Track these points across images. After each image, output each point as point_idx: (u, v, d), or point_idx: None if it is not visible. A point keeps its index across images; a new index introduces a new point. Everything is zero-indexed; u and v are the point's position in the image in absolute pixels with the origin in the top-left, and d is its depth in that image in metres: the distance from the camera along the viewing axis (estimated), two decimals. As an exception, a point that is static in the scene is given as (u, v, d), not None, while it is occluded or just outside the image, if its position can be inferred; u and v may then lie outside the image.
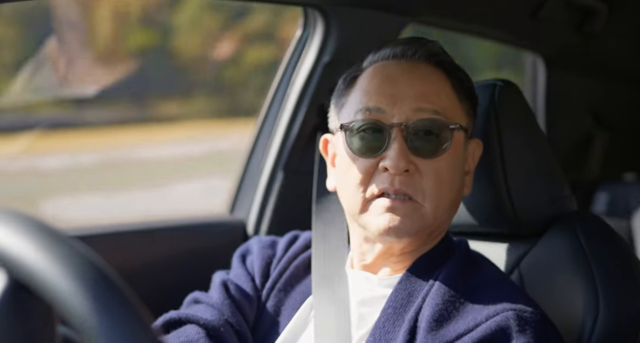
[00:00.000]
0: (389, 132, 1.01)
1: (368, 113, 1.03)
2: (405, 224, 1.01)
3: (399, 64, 1.06)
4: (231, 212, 1.81)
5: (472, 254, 1.10)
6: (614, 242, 1.12)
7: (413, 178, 1.01)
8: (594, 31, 2.35)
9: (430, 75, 1.06)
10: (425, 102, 1.02)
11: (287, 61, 1.77)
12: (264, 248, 1.21)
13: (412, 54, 1.07)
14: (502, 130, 1.17)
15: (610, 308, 1.04)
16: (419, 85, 1.03)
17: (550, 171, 1.19)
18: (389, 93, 1.03)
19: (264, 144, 1.77)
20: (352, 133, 1.04)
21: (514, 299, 0.98)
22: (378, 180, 1.02)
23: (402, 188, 1.00)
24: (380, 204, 1.02)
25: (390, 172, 1.00)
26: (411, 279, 1.05)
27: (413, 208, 1.01)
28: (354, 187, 1.04)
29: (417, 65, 1.06)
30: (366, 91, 1.05)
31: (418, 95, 1.02)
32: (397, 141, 1.00)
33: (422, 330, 0.97)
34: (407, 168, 1.00)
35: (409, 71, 1.05)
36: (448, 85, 1.06)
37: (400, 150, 0.99)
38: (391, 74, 1.05)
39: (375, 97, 1.04)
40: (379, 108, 1.03)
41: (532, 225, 1.17)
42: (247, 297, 1.14)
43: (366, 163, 1.03)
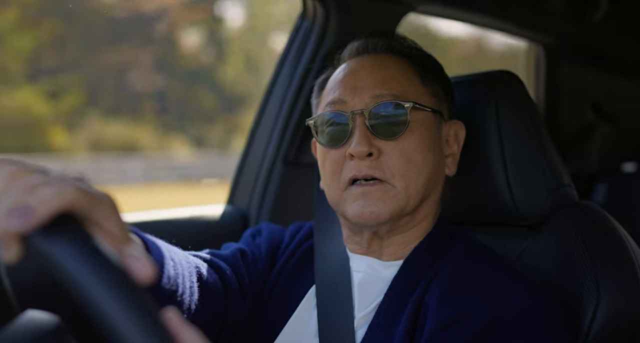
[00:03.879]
0: (351, 120, 1.05)
1: (332, 106, 1.09)
2: (379, 207, 1.04)
3: (362, 59, 1.12)
4: (231, 203, 1.82)
5: (478, 243, 1.11)
6: (614, 232, 1.12)
7: (379, 161, 1.04)
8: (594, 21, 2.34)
9: (391, 63, 1.10)
10: (383, 88, 1.06)
11: (286, 51, 1.76)
12: (273, 233, 1.25)
13: (373, 47, 1.13)
14: (503, 121, 1.17)
15: (610, 297, 1.04)
16: (378, 73, 1.08)
17: (550, 162, 1.19)
18: (350, 85, 1.08)
19: (263, 135, 1.77)
20: (320, 127, 1.09)
21: (521, 287, 0.99)
22: (347, 169, 1.06)
23: (369, 172, 1.04)
24: (352, 192, 1.05)
25: (355, 157, 1.04)
26: (416, 262, 1.07)
27: (384, 190, 1.04)
28: (329, 178, 1.09)
29: (378, 56, 1.12)
30: (331, 87, 1.11)
31: (377, 82, 1.07)
32: (358, 128, 1.04)
33: (426, 313, 0.98)
34: (369, 151, 1.03)
35: (369, 63, 1.11)
36: (410, 70, 1.10)
37: (361, 136, 1.03)
38: (353, 68, 1.11)
39: (339, 90, 1.09)
40: (341, 100, 1.08)
41: (532, 215, 1.17)
42: (255, 266, 1.17)
43: (335, 154, 1.07)
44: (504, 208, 1.17)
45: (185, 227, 1.63)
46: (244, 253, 1.18)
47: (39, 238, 0.52)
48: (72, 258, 0.51)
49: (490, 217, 1.21)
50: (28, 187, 0.55)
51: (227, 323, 1.09)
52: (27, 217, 0.52)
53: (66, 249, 0.52)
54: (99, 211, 0.57)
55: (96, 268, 0.51)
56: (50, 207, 0.53)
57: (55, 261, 0.52)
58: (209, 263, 1.10)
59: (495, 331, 0.92)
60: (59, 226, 0.53)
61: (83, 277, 0.51)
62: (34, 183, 0.55)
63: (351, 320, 1.05)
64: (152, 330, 0.50)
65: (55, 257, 0.52)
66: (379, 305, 1.04)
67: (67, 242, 0.52)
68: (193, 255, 1.09)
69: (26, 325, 0.57)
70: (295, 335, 1.09)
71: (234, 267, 1.13)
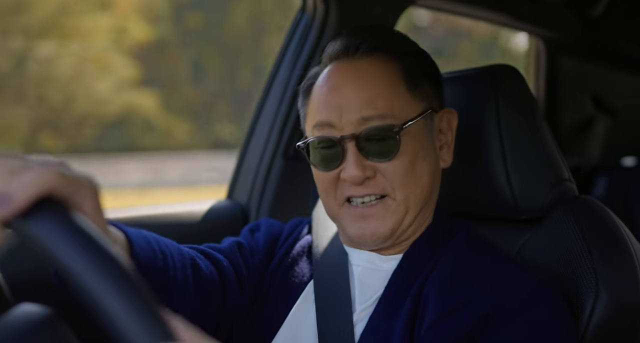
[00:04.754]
0: (342, 144, 1.03)
1: (320, 128, 1.06)
2: (378, 228, 1.04)
3: (343, 68, 1.06)
4: (231, 197, 1.82)
5: (476, 234, 1.11)
6: (613, 227, 1.12)
7: (376, 180, 1.03)
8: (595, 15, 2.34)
9: (374, 72, 1.04)
10: (371, 109, 1.02)
11: (286, 45, 1.76)
12: (271, 227, 1.25)
13: (355, 49, 1.06)
14: (502, 115, 1.17)
15: (609, 292, 1.04)
16: (362, 89, 1.03)
17: (550, 156, 1.18)
18: (335, 104, 1.04)
19: (262, 129, 1.77)
20: (311, 150, 1.07)
21: (520, 275, 1.00)
22: (344, 187, 1.05)
23: (368, 191, 1.03)
24: (351, 212, 1.05)
25: (349, 182, 1.03)
26: (415, 255, 1.07)
27: (384, 208, 1.04)
28: (325, 195, 1.08)
29: (361, 64, 1.05)
30: (317, 105, 1.07)
31: (362, 101, 1.02)
32: (350, 152, 1.02)
33: (426, 304, 0.99)
34: (365, 176, 1.02)
35: (352, 75, 1.05)
36: (395, 76, 1.05)
37: (355, 161, 1.02)
38: (335, 83, 1.05)
39: (325, 110, 1.05)
40: (329, 122, 1.04)
41: (532, 210, 1.17)
42: (253, 258, 1.17)
43: (329, 175, 1.06)
44: (503, 202, 1.17)
45: (185, 221, 1.63)
46: (242, 246, 1.18)
47: (19, 223, 0.53)
48: (54, 237, 0.52)
49: (490, 211, 1.21)
50: (5, 173, 0.55)
51: (225, 315, 1.10)
52: (5, 204, 0.52)
53: (47, 230, 0.52)
54: (78, 194, 0.57)
55: (78, 245, 0.52)
56: (28, 193, 0.53)
57: (40, 244, 0.52)
58: (205, 255, 1.10)
59: (495, 318, 0.93)
60: (39, 209, 0.53)
61: (66, 255, 0.51)
62: (11, 169, 0.55)
63: (350, 314, 1.05)
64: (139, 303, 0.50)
65: (39, 240, 0.52)
66: (379, 298, 1.04)
67: (48, 223, 0.53)
68: (189, 247, 1.10)
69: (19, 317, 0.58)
70: (294, 329, 1.09)
71: (231, 259, 1.13)
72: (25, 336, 0.56)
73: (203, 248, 1.12)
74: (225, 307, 1.10)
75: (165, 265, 0.97)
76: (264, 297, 1.15)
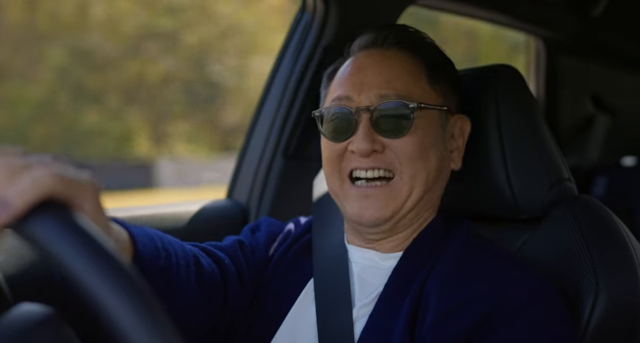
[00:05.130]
0: (356, 116, 1.06)
1: (338, 101, 1.09)
2: (380, 209, 1.05)
3: (370, 54, 1.11)
4: (231, 196, 1.82)
5: (475, 233, 1.12)
6: (613, 226, 1.12)
7: (384, 154, 1.05)
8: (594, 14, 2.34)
9: (398, 61, 1.09)
10: (389, 88, 1.06)
11: (286, 44, 1.76)
12: (271, 225, 1.26)
13: (382, 41, 1.12)
14: (503, 115, 1.17)
15: (609, 292, 1.04)
16: (384, 72, 1.07)
17: (550, 156, 1.19)
18: (357, 82, 1.08)
19: (262, 129, 1.77)
20: (325, 120, 1.10)
21: (520, 274, 1.00)
22: (350, 159, 1.07)
23: (375, 164, 1.05)
24: (353, 192, 1.06)
25: (357, 154, 1.05)
26: (414, 254, 1.07)
27: (389, 190, 1.05)
28: (330, 167, 1.10)
29: (387, 52, 1.10)
30: (338, 82, 1.12)
31: (383, 82, 1.07)
32: (362, 124, 1.05)
33: (427, 302, 0.99)
34: (373, 149, 1.04)
35: (378, 59, 1.10)
36: (417, 68, 1.09)
37: (365, 133, 1.04)
38: (361, 64, 1.10)
39: (345, 86, 1.09)
40: (347, 96, 1.08)
41: (532, 209, 1.17)
42: (254, 256, 1.18)
43: (338, 146, 1.08)
44: (503, 202, 1.17)
45: (185, 221, 1.63)
46: (243, 244, 1.19)
47: (20, 226, 0.53)
48: (55, 239, 0.52)
49: (490, 211, 1.21)
50: (4, 177, 0.55)
51: (226, 313, 1.10)
52: (4, 210, 0.52)
53: (48, 232, 0.53)
54: (78, 196, 0.57)
55: (78, 246, 0.52)
56: (27, 197, 0.53)
57: (41, 246, 0.52)
58: (207, 253, 1.11)
59: (495, 318, 0.93)
60: (39, 212, 0.53)
61: (67, 256, 0.51)
62: (10, 172, 0.55)
63: (349, 311, 1.05)
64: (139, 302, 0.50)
65: (40, 242, 0.52)
66: (379, 295, 1.04)
67: (48, 225, 0.53)
68: (191, 245, 1.10)
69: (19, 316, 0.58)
70: (295, 327, 1.10)
71: (232, 257, 1.14)
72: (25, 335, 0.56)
73: (205, 246, 1.13)
74: (226, 304, 1.10)
75: (169, 263, 0.98)
76: (264, 295, 1.15)
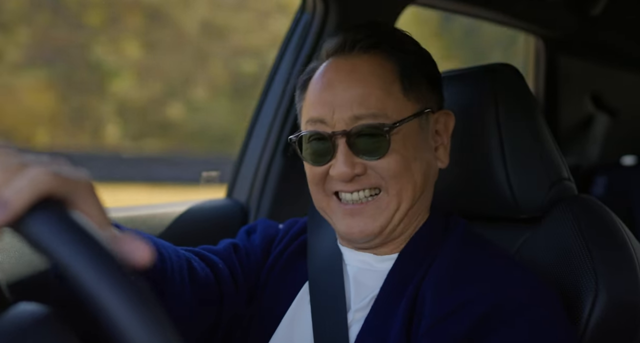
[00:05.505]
0: (333, 141, 1.03)
1: (312, 123, 1.06)
2: (367, 226, 1.04)
3: (339, 65, 1.06)
4: (230, 196, 1.82)
5: (473, 232, 1.11)
6: (613, 226, 1.12)
7: (367, 176, 1.03)
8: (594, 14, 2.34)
9: (369, 72, 1.03)
10: (363, 107, 1.01)
11: (286, 44, 1.76)
12: (268, 228, 1.25)
13: (352, 46, 1.06)
14: (502, 114, 1.17)
15: (608, 291, 1.04)
16: (355, 87, 1.02)
17: (550, 155, 1.18)
18: (328, 101, 1.03)
19: (262, 128, 1.77)
20: (303, 145, 1.08)
21: (518, 274, 0.99)
22: (333, 182, 1.05)
23: (359, 186, 1.03)
24: (340, 209, 1.05)
25: (338, 179, 1.03)
26: (410, 256, 1.06)
27: (375, 206, 1.04)
28: (315, 188, 1.08)
29: (356, 62, 1.05)
30: (311, 101, 1.07)
31: (355, 100, 1.02)
32: (340, 149, 1.02)
33: (423, 304, 0.98)
34: (354, 173, 1.02)
35: (346, 73, 1.04)
36: (391, 77, 1.04)
37: (344, 158, 1.02)
38: (330, 81, 1.05)
39: (318, 107, 1.05)
40: (321, 119, 1.04)
41: (531, 209, 1.17)
42: (248, 259, 1.18)
43: (319, 170, 1.07)
44: (503, 201, 1.17)
45: (184, 220, 1.63)
46: (237, 247, 1.19)
47: (18, 225, 0.53)
48: (53, 237, 0.52)
49: (489, 210, 1.21)
50: (0, 177, 0.54)
51: (223, 316, 1.10)
52: (2, 210, 0.52)
53: (46, 230, 0.52)
54: (77, 194, 0.56)
55: (76, 243, 0.52)
56: (25, 197, 0.53)
57: (39, 245, 0.52)
58: (200, 257, 1.11)
59: (495, 318, 0.93)
60: (37, 211, 0.53)
61: (64, 252, 0.51)
62: (6, 171, 0.54)
63: (344, 315, 1.05)
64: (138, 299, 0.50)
65: (38, 241, 0.52)
66: (375, 298, 1.04)
67: (47, 224, 0.52)
68: (184, 249, 1.10)
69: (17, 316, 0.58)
70: (291, 330, 1.09)
71: (226, 260, 1.14)
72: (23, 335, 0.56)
73: (198, 250, 1.13)
74: (222, 307, 1.10)
75: (163, 266, 0.98)
76: (260, 297, 1.15)
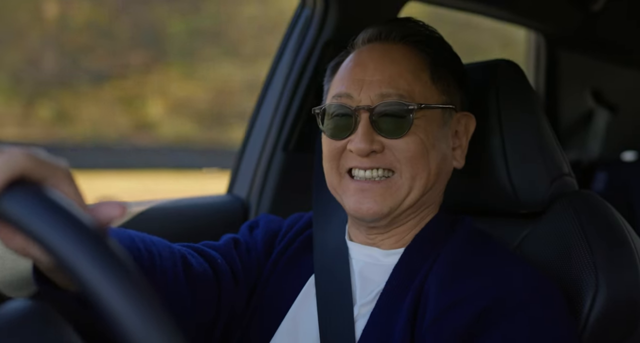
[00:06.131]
0: (355, 115, 1.05)
1: (339, 98, 1.08)
2: (377, 203, 1.04)
3: (373, 48, 1.09)
4: (231, 191, 1.82)
5: (477, 229, 1.11)
6: (613, 221, 1.12)
7: (383, 154, 1.04)
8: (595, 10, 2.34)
9: (401, 56, 1.07)
10: (390, 86, 1.04)
11: (286, 40, 1.76)
12: (270, 223, 1.25)
13: (387, 35, 1.10)
14: (503, 110, 1.17)
15: (609, 286, 1.04)
16: (386, 69, 1.05)
17: (550, 151, 1.19)
18: (357, 79, 1.06)
19: (262, 123, 1.77)
20: (325, 117, 1.09)
21: (520, 269, 1.00)
22: (349, 158, 1.06)
23: (374, 164, 1.04)
24: (352, 186, 1.06)
25: (355, 153, 1.04)
26: (415, 250, 1.07)
27: (387, 186, 1.04)
28: (329, 164, 1.09)
29: (391, 47, 1.09)
30: (340, 77, 1.10)
31: (384, 79, 1.05)
32: (362, 124, 1.04)
33: (427, 299, 0.99)
34: (371, 149, 1.03)
35: (380, 55, 1.07)
36: (421, 64, 1.07)
37: (364, 133, 1.03)
38: (363, 60, 1.08)
39: (346, 82, 1.08)
40: (348, 94, 1.06)
41: (532, 204, 1.17)
42: (249, 254, 1.18)
43: (337, 144, 1.07)
44: (504, 197, 1.17)
45: (185, 216, 1.63)
46: (238, 242, 1.19)
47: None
48: (29, 213, 0.51)
49: (490, 205, 1.21)
50: None
51: (222, 310, 1.10)
52: None
53: (22, 206, 0.51)
54: (53, 176, 0.56)
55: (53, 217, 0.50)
56: (0, 177, 0.52)
57: (17, 223, 0.51)
58: (199, 252, 1.11)
59: (496, 313, 0.93)
60: (13, 189, 0.52)
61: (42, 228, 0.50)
62: None
63: (351, 309, 1.05)
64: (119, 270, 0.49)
65: (15, 218, 0.51)
66: (381, 293, 1.04)
67: (21, 200, 0.51)
68: (183, 245, 1.11)
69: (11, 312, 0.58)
70: (296, 324, 1.10)
71: (225, 256, 1.14)
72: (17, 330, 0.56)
73: (197, 246, 1.13)
74: (221, 302, 1.10)
75: (152, 264, 0.98)
76: (262, 292, 1.15)
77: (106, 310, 0.48)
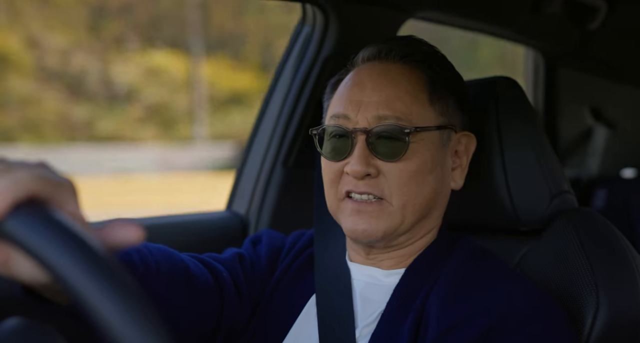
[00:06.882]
0: (352, 137, 1.05)
1: (336, 119, 1.08)
2: (371, 225, 1.03)
3: (372, 68, 1.09)
4: (230, 207, 1.81)
5: (478, 247, 1.11)
6: (613, 239, 1.12)
7: (377, 180, 1.04)
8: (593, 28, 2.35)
9: (400, 76, 1.06)
10: (387, 108, 1.03)
11: (286, 56, 1.77)
12: (273, 239, 1.25)
13: (386, 54, 1.09)
14: (503, 127, 1.17)
15: (610, 305, 1.04)
16: (384, 89, 1.05)
17: (550, 168, 1.19)
18: (355, 99, 1.06)
19: (262, 139, 1.77)
20: (323, 139, 1.09)
21: (521, 287, 0.99)
22: (345, 181, 1.06)
23: (367, 189, 1.04)
24: (348, 207, 1.06)
25: (351, 175, 1.04)
26: (416, 271, 1.06)
27: (380, 209, 1.04)
28: (328, 187, 1.09)
29: (390, 66, 1.08)
30: (339, 97, 1.09)
31: (381, 101, 1.04)
32: (358, 146, 1.03)
33: (428, 320, 0.98)
34: (367, 172, 1.03)
35: (378, 75, 1.07)
36: (420, 84, 1.06)
37: (360, 155, 1.03)
38: (361, 79, 1.08)
39: (344, 103, 1.07)
40: (345, 115, 1.06)
41: (532, 221, 1.17)
42: (253, 270, 1.17)
43: (335, 166, 1.07)
44: (504, 214, 1.17)
45: (183, 232, 1.62)
46: (243, 257, 1.18)
47: (1, 226, 0.52)
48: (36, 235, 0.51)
49: (490, 222, 1.21)
50: None
51: (223, 324, 1.10)
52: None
53: (30, 230, 0.51)
54: (59, 195, 0.56)
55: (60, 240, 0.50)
56: (7, 198, 0.52)
57: (22, 245, 0.51)
58: (204, 263, 1.11)
59: (497, 332, 0.92)
60: (19, 212, 0.52)
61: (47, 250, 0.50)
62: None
63: (352, 330, 1.04)
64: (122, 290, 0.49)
65: (21, 241, 0.51)
66: (382, 314, 1.03)
67: (30, 223, 0.51)
68: (189, 255, 1.10)
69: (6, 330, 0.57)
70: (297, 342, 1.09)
71: (230, 269, 1.14)
72: None
73: (203, 258, 1.13)
74: (222, 315, 1.09)
75: (147, 274, 0.97)
76: (265, 310, 1.14)
77: (106, 332, 0.48)
